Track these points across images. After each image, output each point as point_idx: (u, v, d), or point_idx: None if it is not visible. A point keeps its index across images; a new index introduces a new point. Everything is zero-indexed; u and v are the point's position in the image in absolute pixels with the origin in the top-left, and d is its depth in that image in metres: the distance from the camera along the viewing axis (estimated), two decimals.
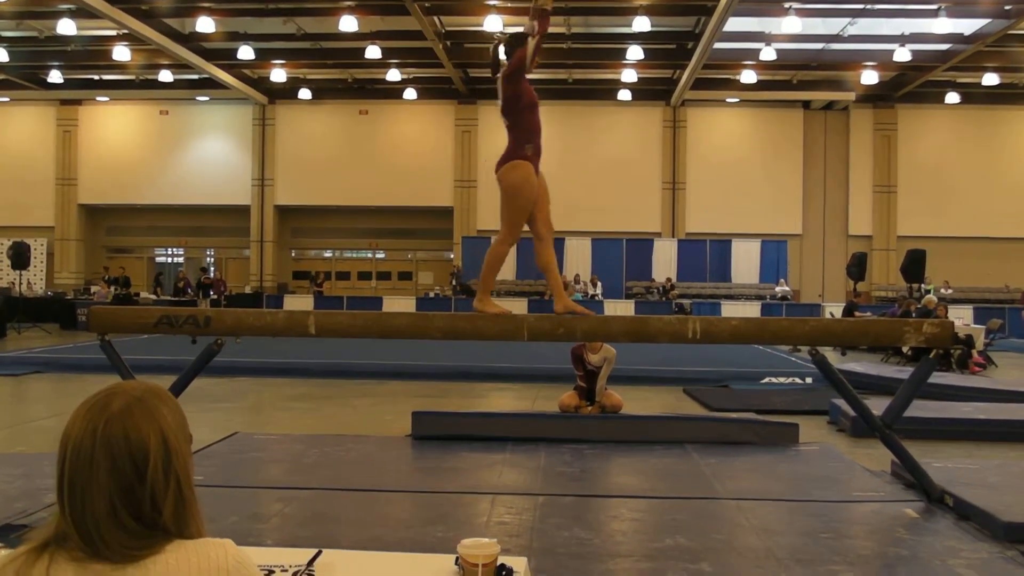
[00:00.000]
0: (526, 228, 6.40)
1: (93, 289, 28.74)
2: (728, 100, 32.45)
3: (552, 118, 32.68)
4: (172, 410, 1.74)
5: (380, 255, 35.55)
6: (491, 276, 6.57)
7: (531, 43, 6.12)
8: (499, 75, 6.33)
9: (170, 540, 1.66)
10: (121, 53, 27.48)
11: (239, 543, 1.76)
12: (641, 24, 23.73)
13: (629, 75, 29.61)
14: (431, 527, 5.42)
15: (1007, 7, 22.97)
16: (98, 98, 34.11)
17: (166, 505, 1.65)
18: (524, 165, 6.25)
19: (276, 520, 5.58)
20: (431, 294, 32.18)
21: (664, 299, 28.98)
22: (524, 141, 6.27)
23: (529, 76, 6.37)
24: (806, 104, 32.88)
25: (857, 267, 24.74)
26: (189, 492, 1.70)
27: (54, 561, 1.64)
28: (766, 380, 14.15)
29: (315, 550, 2.94)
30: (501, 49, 6.54)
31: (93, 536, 1.62)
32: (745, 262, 31.50)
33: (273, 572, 2.76)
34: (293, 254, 35.68)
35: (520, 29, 6.49)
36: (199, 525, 1.72)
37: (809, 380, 13.83)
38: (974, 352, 16.76)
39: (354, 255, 35.96)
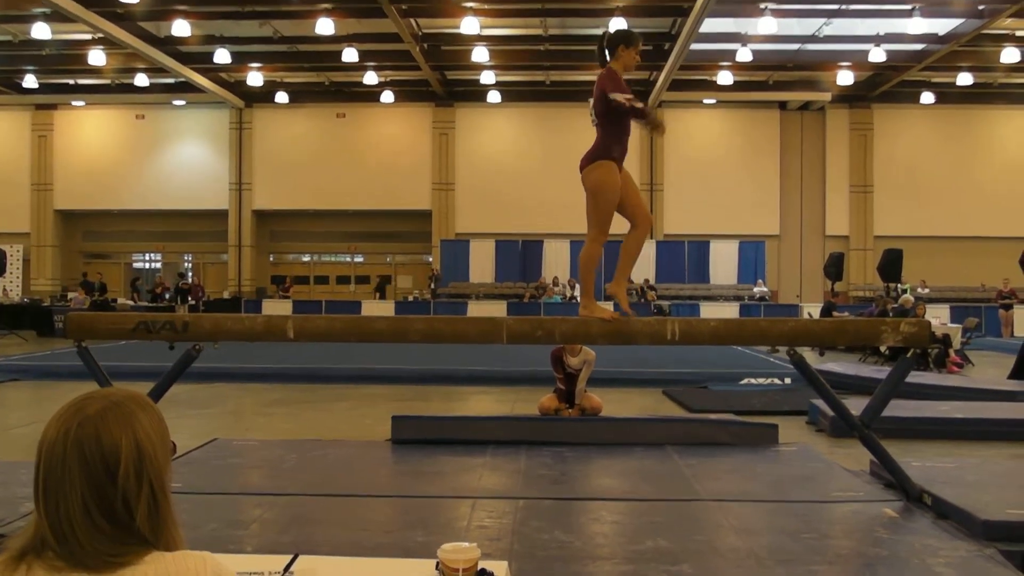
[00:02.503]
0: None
1: (70, 295, 28.58)
2: (705, 101, 32.54)
3: (530, 120, 32.83)
4: (151, 418, 1.73)
5: (359, 259, 35.50)
6: (590, 278, 6.55)
7: (627, 105, 6.14)
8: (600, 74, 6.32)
9: (149, 551, 1.66)
10: (96, 57, 27.35)
11: (219, 549, 1.76)
12: (617, 25, 23.74)
13: None
14: (411, 531, 5.41)
15: (980, 7, 23.15)
16: (73, 103, 33.95)
17: (139, 510, 1.65)
18: (608, 165, 6.24)
19: (256, 526, 5.56)
20: (410, 298, 32.17)
21: (642, 300, 29.02)
22: (611, 142, 6.25)
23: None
24: (782, 104, 33.03)
25: (834, 267, 24.86)
26: (163, 498, 1.70)
27: (31, 571, 1.63)
28: (745, 381, 14.19)
29: (291, 555, 2.93)
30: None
31: (69, 538, 1.62)
32: (723, 263, 31.62)
33: None
34: (272, 258, 35.58)
35: (624, 26, 6.55)
36: (175, 532, 1.72)
37: (788, 380, 13.87)
38: (951, 351, 16.86)
39: (333, 259, 35.91)
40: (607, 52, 6.36)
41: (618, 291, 6.52)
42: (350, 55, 27.06)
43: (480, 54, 27.02)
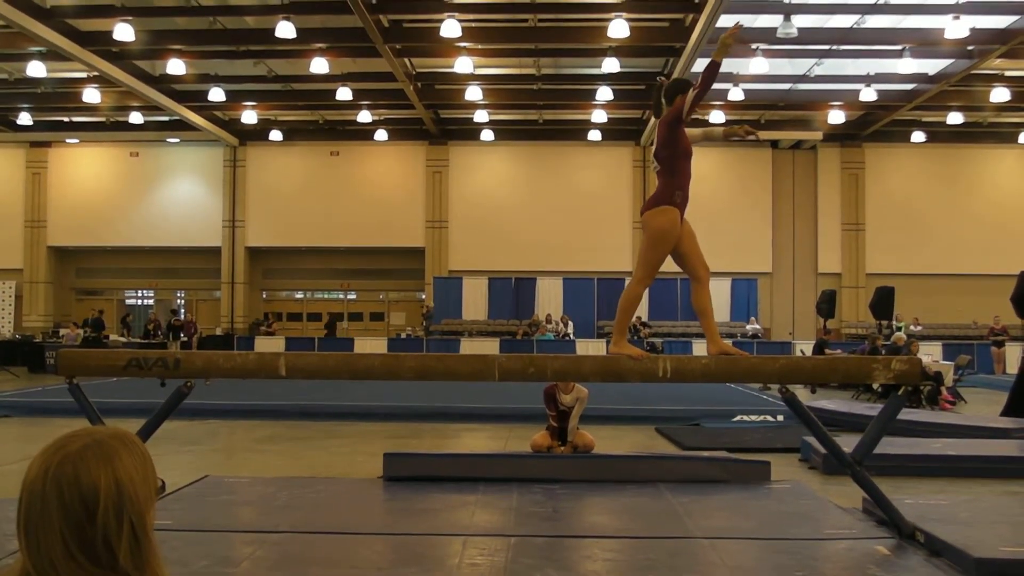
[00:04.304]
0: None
1: (62, 332, 28.52)
2: None
3: (523, 158, 32.95)
4: (135, 455, 1.72)
5: (352, 296, 35.47)
6: (626, 318, 6.55)
7: (691, 94, 6.17)
8: (658, 120, 6.36)
9: None
10: (91, 95, 27.45)
11: None
12: (610, 65, 23.93)
13: (599, 115, 29.82)
14: (403, 569, 5.39)
15: (970, 47, 23.35)
16: (68, 140, 33.99)
17: (120, 548, 1.64)
18: (670, 211, 6.29)
19: (247, 564, 5.53)
20: (403, 335, 32.13)
21: (636, 338, 29.04)
22: (674, 187, 6.31)
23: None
24: (774, 143, 33.16)
25: (827, 304, 24.91)
26: (145, 537, 1.68)
27: None
28: (737, 418, 14.19)
29: None
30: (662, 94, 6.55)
31: None
32: (716, 300, 31.01)
33: None
34: (264, 295, 35.52)
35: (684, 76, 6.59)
36: (159, 570, 1.71)
37: (780, 418, 13.86)
38: (943, 388, 16.87)
39: (326, 296, 35.88)
40: (665, 101, 6.42)
41: (724, 347, 6.44)
42: (344, 94, 27.18)
43: (473, 93, 27.17)
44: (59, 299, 34.90)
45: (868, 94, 26.76)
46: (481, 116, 30.28)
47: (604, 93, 27.14)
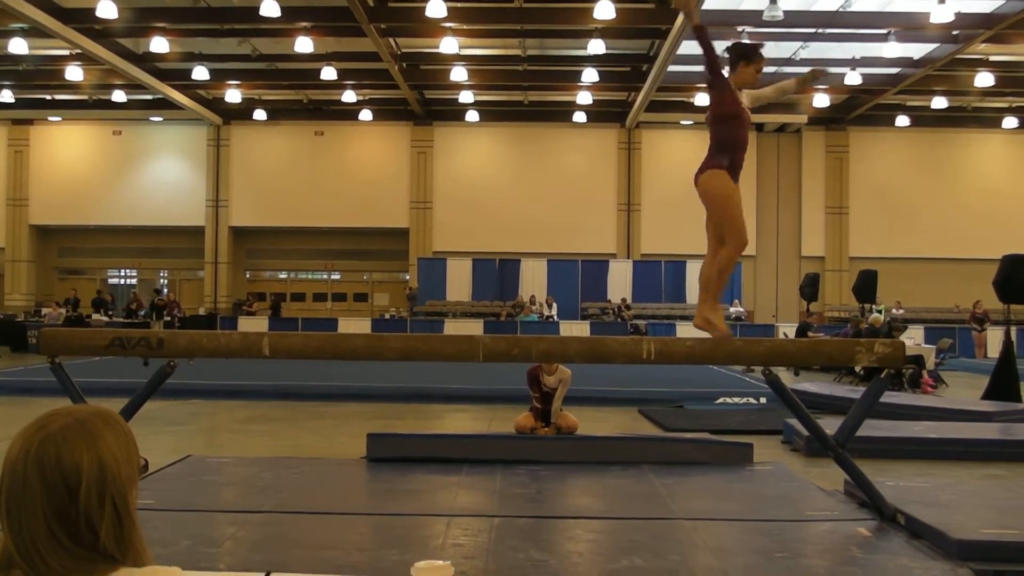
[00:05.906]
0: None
1: (44, 311, 28.40)
2: (682, 122, 32.67)
3: (508, 139, 32.88)
4: (117, 435, 1.70)
5: (336, 276, 35.39)
6: (722, 284, 6.49)
7: (753, 93, 6.16)
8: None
9: (117, 568, 1.64)
10: (74, 73, 27.21)
11: (192, 567, 1.75)
12: (596, 47, 23.86)
13: (584, 97, 29.77)
14: (386, 550, 5.39)
15: (955, 32, 23.35)
16: (50, 118, 33.76)
17: (102, 528, 1.63)
18: (719, 174, 6.25)
19: (229, 544, 5.52)
20: (387, 315, 32.09)
21: (619, 320, 29.09)
22: (718, 151, 6.33)
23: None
24: (759, 126, 33.13)
25: (810, 288, 24.94)
26: (127, 517, 1.67)
27: None
28: (721, 400, 14.21)
29: (263, 574, 2.91)
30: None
31: (34, 557, 1.60)
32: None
33: None
34: (248, 275, 35.40)
35: (742, 41, 6.56)
36: (140, 550, 1.69)
37: (763, 400, 13.89)
38: (925, 372, 16.94)
39: (309, 276, 35.79)
40: (730, 67, 6.37)
41: (708, 316, 6.37)
42: (328, 73, 27.07)
43: (459, 74, 27.07)
44: (41, 278, 34.74)
45: (853, 78, 26.76)
46: (466, 97, 30.21)
47: (590, 75, 27.07)
